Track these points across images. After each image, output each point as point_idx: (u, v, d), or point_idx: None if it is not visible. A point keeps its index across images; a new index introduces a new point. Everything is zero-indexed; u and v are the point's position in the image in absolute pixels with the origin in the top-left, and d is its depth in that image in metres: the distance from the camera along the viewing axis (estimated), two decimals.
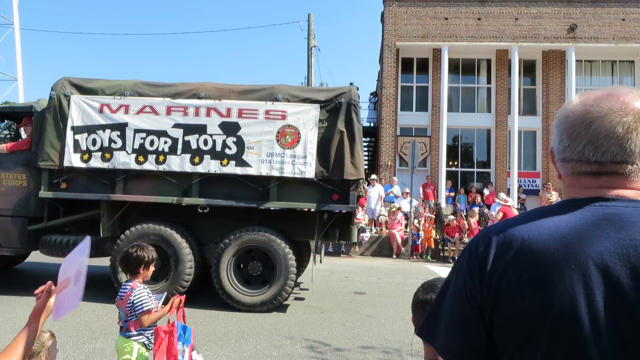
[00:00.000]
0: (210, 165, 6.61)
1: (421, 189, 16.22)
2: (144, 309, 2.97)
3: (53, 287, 1.55)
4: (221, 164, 6.60)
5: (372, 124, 22.20)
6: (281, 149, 6.55)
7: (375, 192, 14.80)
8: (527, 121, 18.52)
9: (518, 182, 17.65)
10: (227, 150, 6.61)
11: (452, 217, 14.12)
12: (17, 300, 6.68)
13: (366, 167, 24.72)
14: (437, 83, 18.59)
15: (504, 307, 0.91)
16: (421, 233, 13.49)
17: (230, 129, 6.64)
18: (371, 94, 23.67)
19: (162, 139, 6.68)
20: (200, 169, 6.62)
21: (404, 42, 18.27)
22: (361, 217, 14.09)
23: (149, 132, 6.70)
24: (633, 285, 0.84)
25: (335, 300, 7.55)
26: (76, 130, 6.80)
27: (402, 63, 19.28)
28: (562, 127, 1.01)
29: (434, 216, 13.92)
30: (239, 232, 6.67)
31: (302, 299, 7.63)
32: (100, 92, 6.89)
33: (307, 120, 6.61)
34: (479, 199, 15.70)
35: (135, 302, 2.98)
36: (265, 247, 6.59)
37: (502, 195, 12.64)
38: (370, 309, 7.01)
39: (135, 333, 2.99)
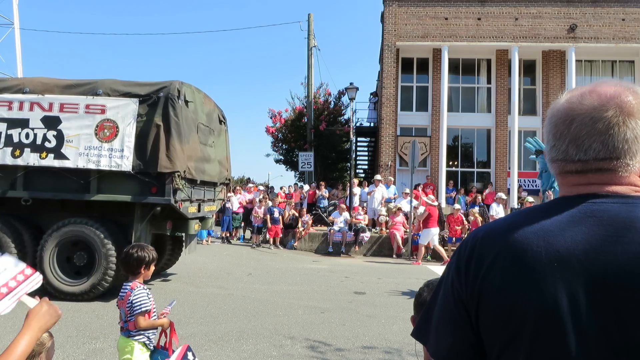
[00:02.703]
0: (29, 158, 6.81)
1: (420, 189, 16.19)
2: (142, 309, 2.96)
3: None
4: (40, 157, 6.80)
5: (372, 124, 22.21)
6: (99, 143, 6.75)
7: (378, 193, 14.82)
8: (527, 121, 18.52)
9: (518, 182, 17.65)
10: (46, 144, 6.81)
11: (457, 205, 14.06)
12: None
13: (366, 167, 24.73)
14: (437, 83, 18.59)
15: (487, 308, 0.91)
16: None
17: (51, 122, 6.85)
18: (371, 94, 23.67)
19: None
20: (20, 162, 6.83)
21: (404, 42, 18.26)
22: (361, 217, 14.10)
23: None
24: (618, 283, 0.81)
25: (335, 300, 7.54)
26: None
27: (402, 63, 19.28)
28: (548, 127, 1.00)
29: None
30: (60, 224, 6.88)
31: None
32: None
33: (125, 114, 6.79)
34: (479, 198, 15.68)
35: (134, 302, 2.97)
36: (85, 238, 6.81)
37: (430, 196, 12.79)
38: (370, 309, 7.00)
39: (136, 333, 2.98)
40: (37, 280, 1.60)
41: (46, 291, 6.70)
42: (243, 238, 15.18)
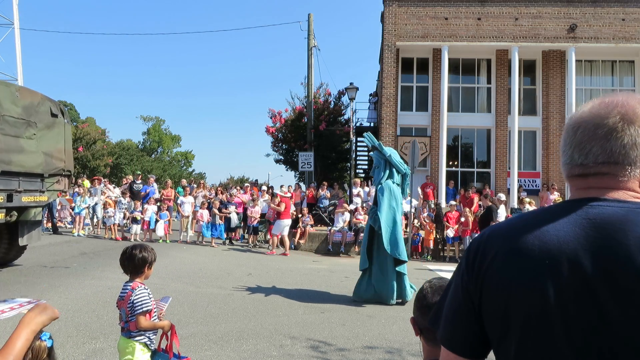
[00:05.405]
0: None
1: (420, 190, 16.20)
2: (144, 309, 2.96)
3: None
4: None
5: (372, 124, 22.21)
6: None
7: None
8: (527, 121, 18.53)
9: (518, 182, 17.66)
10: None
11: (453, 202, 14.14)
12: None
13: (366, 167, 24.73)
14: (437, 83, 18.60)
15: (487, 300, 1.00)
16: (421, 233, 13.47)
17: None
18: (371, 94, 23.69)
19: None
20: None
21: (404, 42, 18.27)
22: (362, 217, 14.08)
23: None
24: (603, 282, 0.87)
25: (335, 300, 7.54)
26: None
27: (402, 63, 19.28)
28: (562, 135, 1.08)
29: (430, 218, 13.91)
30: None
31: None
32: None
33: None
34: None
35: (135, 302, 2.97)
36: None
37: (284, 188, 13.24)
38: (370, 309, 7.00)
39: (137, 333, 2.98)
40: (40, 302, 1.66)
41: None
42: (243, 238, 15.17)
